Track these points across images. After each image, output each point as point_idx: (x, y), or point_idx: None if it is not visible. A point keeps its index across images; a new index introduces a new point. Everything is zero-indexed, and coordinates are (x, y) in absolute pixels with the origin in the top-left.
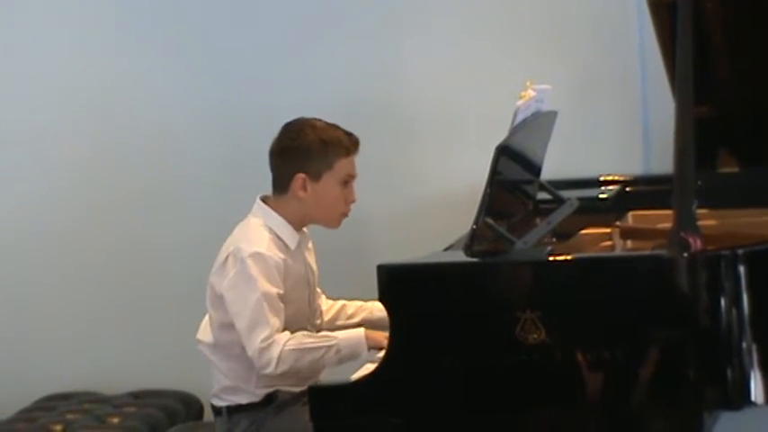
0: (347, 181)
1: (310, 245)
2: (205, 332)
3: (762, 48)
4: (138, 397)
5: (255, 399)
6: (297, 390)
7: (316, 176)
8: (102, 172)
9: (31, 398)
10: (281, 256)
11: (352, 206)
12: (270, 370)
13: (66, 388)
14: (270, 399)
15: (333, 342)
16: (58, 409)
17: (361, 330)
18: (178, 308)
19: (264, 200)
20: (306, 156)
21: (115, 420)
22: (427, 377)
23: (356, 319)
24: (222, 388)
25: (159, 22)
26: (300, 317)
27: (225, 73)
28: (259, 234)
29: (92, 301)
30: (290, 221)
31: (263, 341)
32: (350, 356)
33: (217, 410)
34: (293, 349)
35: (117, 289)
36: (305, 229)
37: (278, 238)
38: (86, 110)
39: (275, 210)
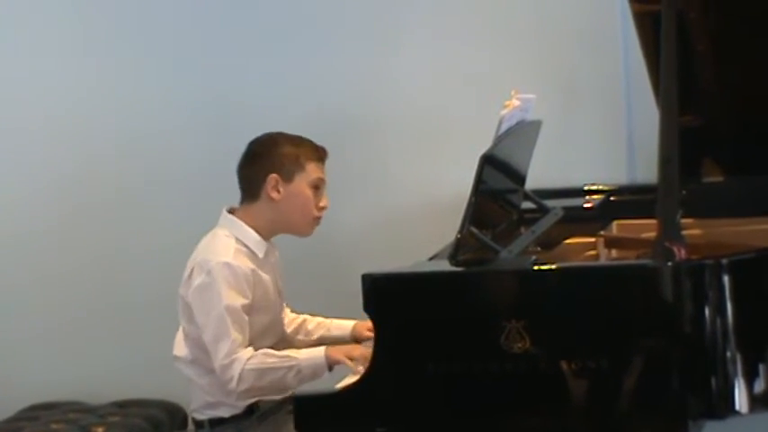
0: (318, 185)
1: (277, 255)
2: (180, 347)
3: (746, 57)
4: (123, 406)
5: (237, 411)
6: (279, 397)
7: (288, 177)
8: (82, 179)
9: (14, 408)
10: (251, 266)
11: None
12: (232, 386)
13: (51, 398)
14: (251, 410)
15: (293, 363)
16: (42, 419)
17: (322, 349)
18: (162, 317)
19: (231, 211)
20: (278, 159)
21: (99, 430)
22: (412, 386)
23: (314, 337)
24: (203, 404)
25: (146, 23)
26: (277, 325)
27: (209, 81)
28: (225, 244)
29: (76, 311)
30: (258, 231)
31: (225, 356)
32: (311, 377)
33: (198, 423)
34: (254, 369)
35: (101, 298)
36: (272, 241)
37: (245, 248)
38: (66, 114)
39: (243, 220)
